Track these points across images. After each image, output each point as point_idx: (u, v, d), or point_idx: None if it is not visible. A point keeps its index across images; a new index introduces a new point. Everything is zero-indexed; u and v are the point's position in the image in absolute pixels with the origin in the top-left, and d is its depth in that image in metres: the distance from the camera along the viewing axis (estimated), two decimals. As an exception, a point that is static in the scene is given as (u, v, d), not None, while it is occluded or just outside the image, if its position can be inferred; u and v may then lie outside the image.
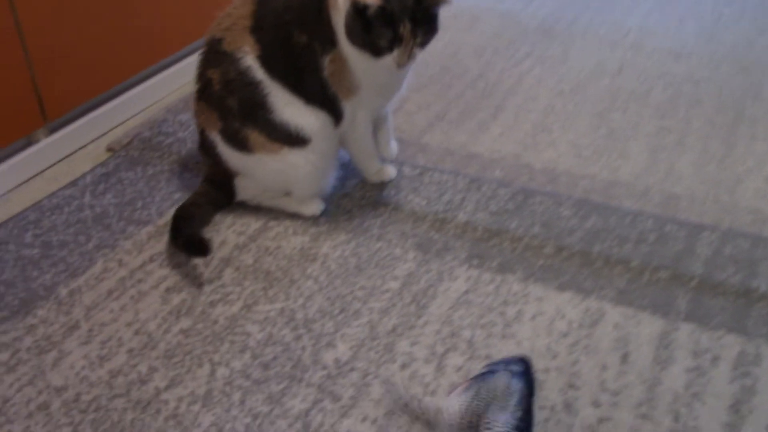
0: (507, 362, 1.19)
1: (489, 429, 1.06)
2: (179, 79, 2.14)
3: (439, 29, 1.44)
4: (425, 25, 1.39)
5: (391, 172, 1.70)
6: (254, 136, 1.49)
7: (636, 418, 1.15)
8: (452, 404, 1.10)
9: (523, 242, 1.51)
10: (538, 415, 1.15)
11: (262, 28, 1.46)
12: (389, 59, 1.40)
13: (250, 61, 1.46)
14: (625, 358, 1.25)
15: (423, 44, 1.41)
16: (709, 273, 1.41)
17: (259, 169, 1.55)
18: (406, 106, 2.00)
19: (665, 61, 2.20)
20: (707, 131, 1.86)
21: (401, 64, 1.41)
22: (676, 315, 1.33)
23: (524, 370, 1.18)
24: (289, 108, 1.47)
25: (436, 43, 2.31)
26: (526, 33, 2.41)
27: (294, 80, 1.47)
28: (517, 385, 1.13)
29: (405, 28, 1.36)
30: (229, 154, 1.55)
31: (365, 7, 1.34)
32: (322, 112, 1.50)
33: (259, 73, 1.46)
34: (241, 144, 1.51)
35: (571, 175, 1.71)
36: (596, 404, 1.17)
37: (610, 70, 2.17)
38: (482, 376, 1.16)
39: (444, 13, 1.44)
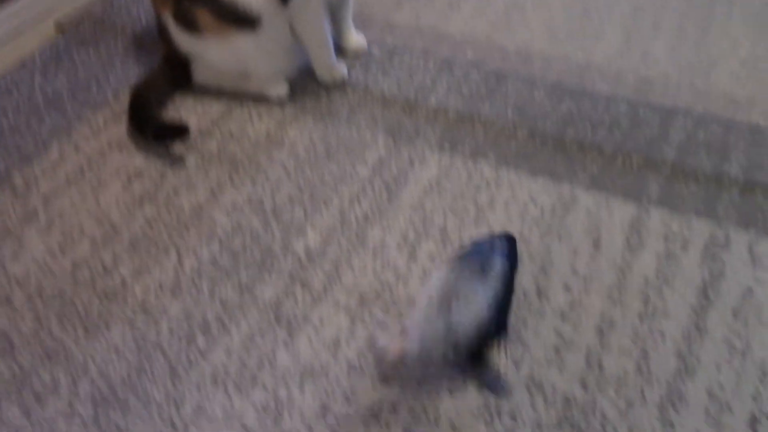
0: (491, 239, 1.18)
1: (466, 302, 1.05)
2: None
3: None
4: None
5: (343, 71, 1.57)
6: (203, 17, 1.41)
7: (606, 303, 1.16)
8: (431, 280, 1.10)
9: (496, 127, 1.47)
10: (511, 301, 1.15)
11: None
12: None
13: None
14: (596, 244, 1.25)
15: None
16: (681, 158, 1.40)
17: (209, 53, 1.47)
18: (373, -18, 1.90)
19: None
20: (683, 12, 1.81)
21: None
22: (648, 200, 1.32)
23: (508, 246, 1.17)
24: None
25: None
26: None
27: None
28: (498, 260, 1.12)
29: None
30: (181, 37, 1.47)
31: None
32: None
33: None
34: (191, 25, 1.43)
35: (544, 57, 1.66)
36: (567, 289, 1.18)
37: (585, -55, 2.07)
38: (464, 253, 1.15)
39: None
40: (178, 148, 1.42)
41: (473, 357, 1.04)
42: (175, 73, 1.53)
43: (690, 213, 1.30)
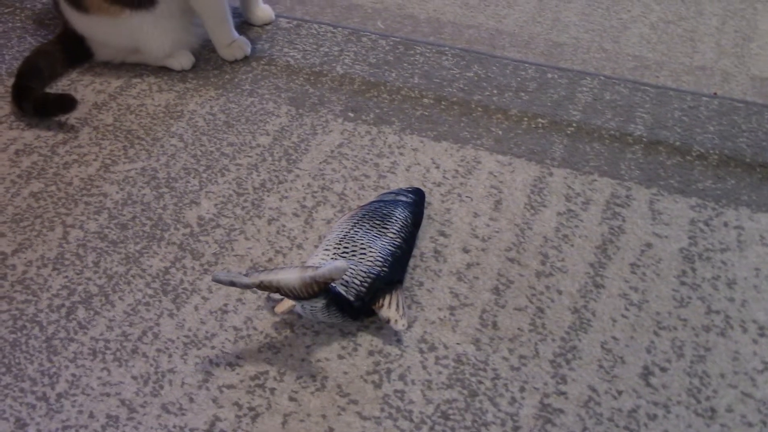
0: (398, 192, 1.17)
1: (363, 253, 1.03)
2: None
3: None
4: None
5: (246, 47, 1.51)
6: None
7: (504, 262, 1.13)
8: (332, 228, 1.07)
9: (402, 93, 1.45)
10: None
11: None
12: None
13: None
14: (497, 205, 1.22)
15: None
16: (586, 119, 1.39)
17: (100, 32, 1.42)
18: (286, -44, 1.86)
19: None
20: (597, -21, 1.80)
21: None
22: (551, 161, 1.30)
23: (414, 200, 1.15)
24: None
25: None
26: None
27: None
28: (401, 213, 1.11)
29: None
30: (71, 15, 1.42)
31: None
32: None
33: None
34: (78, 3, 1.38)
35: (456, 26, 1.63)
36: (465, 250, 1.15)
37: None
38: (368, 204, 1.13)
39: None
40: (71, 122, 1.37)
41: (363, 308, 1.01)
42: (72, 49, 1.47)
43: (593, 172, 1.28)
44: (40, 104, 1.35)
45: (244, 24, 1.61)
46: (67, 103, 1.34)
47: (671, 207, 1.22)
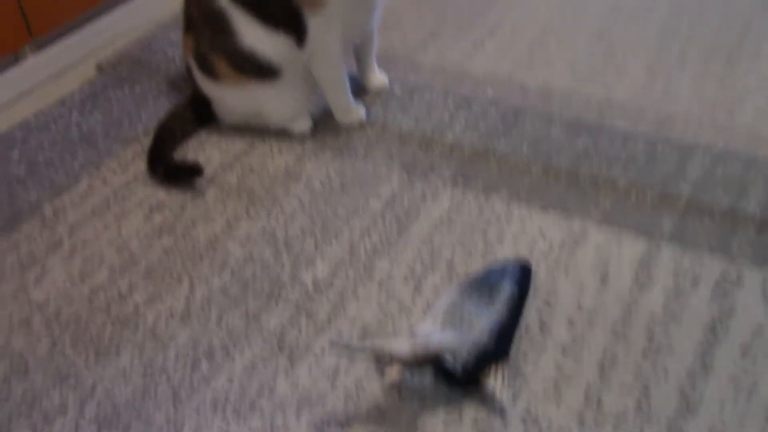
0: (505, 262, 1.20)
1: (471, 324, 1.06)
2: (170, -5, 2.10)
3: None
4: None
5: (361, 114, 1.59)
6: (220, 65, 1.47)
7: (609, 338, 1.14)
8: (440, 300, 1.11)
9: (511, 162, 1.48)
10: (512, 334, 1.15)
11: None
12: None
13: None
14: (604, 279, 1.24)
15: None
16: (697, 194, 1.39)
17: (227, 98, 1.54)
18: (400, 22, 1.95)
19: (673, -25, 2.11)
20: (709, 49, 1.80)
21: None
22: (660, 236, 1.31)
23: (521, 273, 1.19)
24: (252, 33, 1.43)
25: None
26: (530, -54, 2.32)
27: (256, 1, 1.41)
28: (508, 285, 1.14)
29: None
30: (201, 81, 1.54)
31: None
32: (288, 37, 1.44)
33: (222, 0, 1.42)
34: (209, 71, 1.50)
35: (565, 95, 1.67)
36: (571, 323, 1.17)
37: (615, -15, 2.09)
38: (476, 276, 1.17)
39: None
40: (199, 182, 1.47)
41: (469, 378, 1.04)
42: (201, 111, 1.59)
43: (703, 249, 1.28)
44: (171, 171, 1.46)
45: (360, 89, 1.69)
46: (195, 171, 1.45)
47: (785, 289, 1.20)
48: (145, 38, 1.94)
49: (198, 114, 1.60)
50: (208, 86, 1.54)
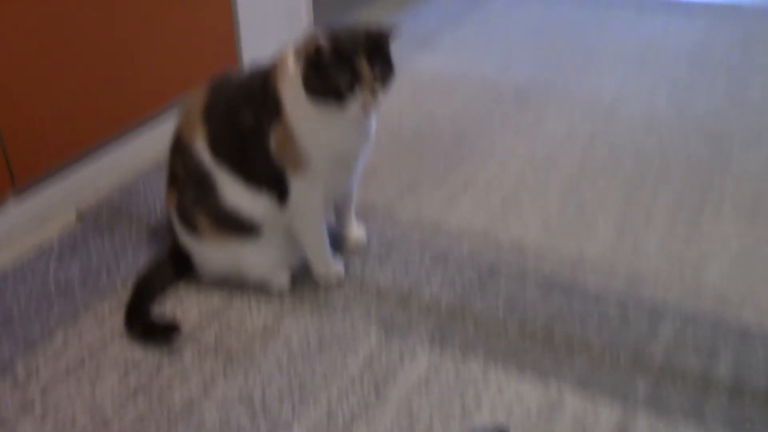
0: (483, 429, 1.19)
1: None
2: (152, 143, 2.15)
3: (396, 71, 1.40)
4: (380, 60, 1.37)
5: (340, 271, 1.63)
6: (202, 220, 1.51)
7: None
8: None
9: (487, 321, 1.51)
10: None
11: (212, 113, 1.47)
12: (355, 107, 1.36)
13: (200, 148, 1.47)
14: (582, 449, 1.24)
15: (383, 81, 1.37)
16: (669, 357, 1.41)
17: (207, 254, 1.57)
18: (378, 173, 2.02)
19: (636, 131, 2.23)
20: (675, 206, 1.87)
21: (367, 105, 1.36)
22: (635, 401, 1.32)
23: None
24: (235, 192, 1.47)
25: (413, 108, 2.34)
26: (501, 99, 2.44)
27: (240, 161, 1.46)
28: None
29: (361, 64, 1.34)
30: (182, 234, 1.56)
31: (318, 52, 1.32)
32: (270, 196, 1.48)
33: (207, 159, 1.47)
34: (190, 225, 1.53)
35: (538, 251, 1.72)
36: (551, 499, 1.16)
37: (581, 139, 2.19)
38: None
39: (421, 79, 1.46)
40: (176, 339, 1.47)
41: None
42: (180, 264, 1.61)
43: (677, 415, 1.29)
44: (148, 328, 1.47)
45: (338, 243, 1.72)
46: (172, 329, 1.45)
47: (760, 462, 1.21)
48: (127, 186, 1.97)
49: (177, 267, 1.61)
50: (188, 240, 1.57)
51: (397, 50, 1.41)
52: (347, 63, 1.34)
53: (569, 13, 3.20)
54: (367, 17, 3.22)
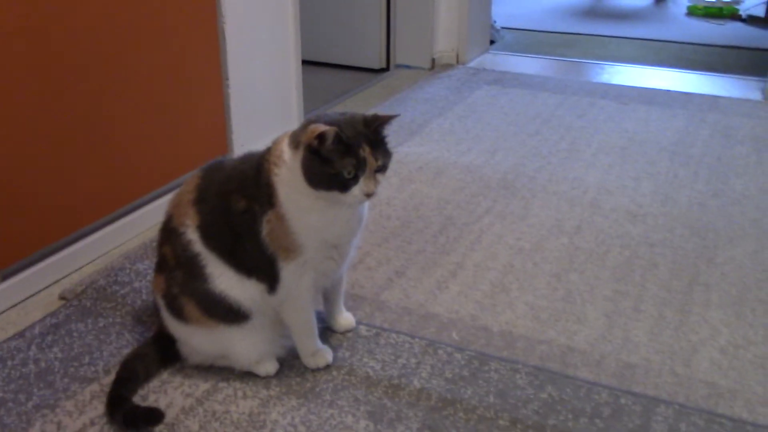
0: None
1: None
2: (138, 226, 2.14)
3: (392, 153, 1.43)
4: (381, 146, 1.39)
5: (328, 356, 1.59)
6: (189, 307, 1.49)
7: None
8: None
9: (477, 413, 1.48)
10: None
11: (203, 199, 1.48)
12: (356, 191, 1.36)
13: (191, 233, 1.47)
14: None
15: (383, 168, 1.39)
16: (664, 452, 1.39)
17: (194, 341, 1.54)
18: (366, 260, 2.01)
19: (622, 221, 2.25)
20: (663, 296, 1.88)
21: (370, 191, 1.37)
22: (632, 499, 1.29)
23: None
24: (225, 278, 1.47)
25: (400, 195, 2.36)
26: (488, 187, 2.47)
27: (230, 247, 1.46)
28: None
29: (365, 151, 1.35)
30: (169, 320, 1.54)
31: (321, 138, 1.33)
32: (260, 282, 1.47)
33: (197, 245, 1.47)
34: (177, 312, 1.51)
35: (527, 340, 1.70)
36: None
37: (568, 228, 2.21)
38: None
39: (408, 166, 1.47)
40: (159, 429, 1.42)
41: None
42: (166, 351, 1.58)
43: None
44: (130, 417, 1.42)
45: (326, 330, 1.70)
46: (154, 417, 1.41)
47: None
48: (112, 268, 1.95)
49: (162, 353, 1.58)
50: (175, 327, 1.54)
51: (386, 139, 1.43)
52: (351, 150, 1.35)
53: (552, 101, 3.29)
54: (354, 107, 3.28)
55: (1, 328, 1.73)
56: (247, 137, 2.48)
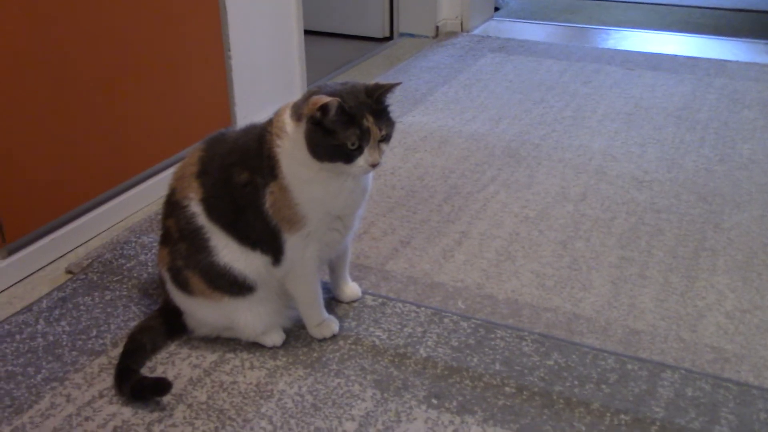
0: None
1: None
2: (143, 199, 2.14)
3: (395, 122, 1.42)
4: (384, 116, 1.38)
5: (334, 326, 1.60)
6: (194, 280, 1.49)
7: None
8: None
9: (484, 380, 1.48)
10: None
11: (206, 172, 1.47)
12: (362, 164, 1.35)
13: (194, 206, 1.47)
14: None
15: (387, 137, 1.39)
16: (669, 417, 1.39)
17: (200, 313, 1.55)
18: (371, 230, 2.01)
19: (628, 187, 2.24)
20: (669, 263, 1.87)
21: (374, 161, 1.36)
22: (638, 463, 1.30)
23: None
24: (229, 250, 1.47)
25: (405, 165, 2.35)
26: (492, 155, 2.46)
27: (234, 220, 1.46)
28: None
29: (369, 121, 1.34)
30: (174, 293, 1.54)
31: (324, 110, 1.32)
32: (264, 254, 1.47)
33: (201, 218, 1.47)
34: (183, 285, 1.51)
35: (533, 308, 1.70)
36: None
37: (574, 196, 2.20)
38: None
39: (413, 136, 1.46)
40: (167, 399, 1.44)
41: None
42: (172, 323, 1.58)
43: (681, 478, 1.27)
44: (138, 388, 1.43)
45: (332, 300, 1.71)
46: (162, 388, 1.42)
47: None
48: (117, 241, 1.95)
49: (169, 326, 1.59)
50: (180, 299, 1.55)
51: (389, 108, 1.42)
52: (354, 120, 1.34)
53: (557, 68, 3.25)
54: (358, 77, 3.26)
55: (9, 302, 1.74)
56: (250, 108, 2.46)
